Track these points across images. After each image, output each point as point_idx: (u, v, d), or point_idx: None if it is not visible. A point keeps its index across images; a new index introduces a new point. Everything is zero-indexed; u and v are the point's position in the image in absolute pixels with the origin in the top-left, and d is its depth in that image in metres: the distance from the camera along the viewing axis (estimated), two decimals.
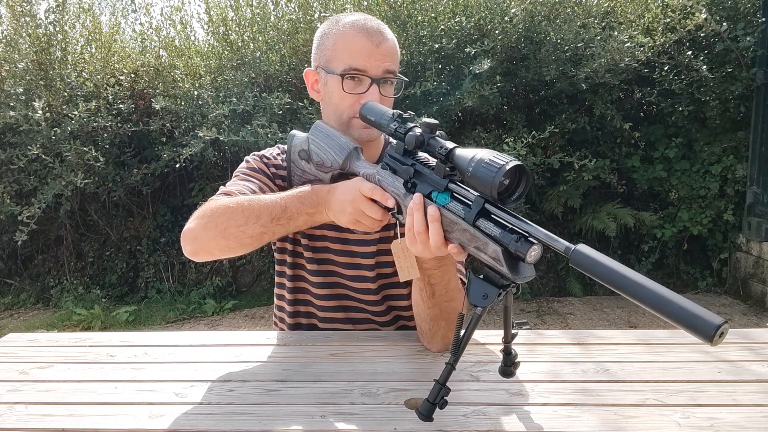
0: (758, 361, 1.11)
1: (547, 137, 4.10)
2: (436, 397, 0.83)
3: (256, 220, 1.07)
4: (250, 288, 4.98)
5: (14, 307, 4.84)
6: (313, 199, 1.07)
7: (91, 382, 1.09)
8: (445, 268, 1.07)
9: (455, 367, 0.85)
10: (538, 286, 4.76)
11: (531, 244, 0.79)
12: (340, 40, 1.18)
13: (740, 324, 3.90)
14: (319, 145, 1.16)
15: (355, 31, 1.16)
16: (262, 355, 1.19)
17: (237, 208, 1.09)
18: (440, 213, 0.90)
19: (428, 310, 1.12)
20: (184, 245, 1.14)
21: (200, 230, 1.11)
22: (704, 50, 4.24)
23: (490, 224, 0.84)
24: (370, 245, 1.29)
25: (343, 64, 1.16)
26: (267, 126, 3.81)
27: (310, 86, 1.27)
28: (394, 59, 1.20)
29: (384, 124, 1.03)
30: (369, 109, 1.07)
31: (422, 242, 0.92)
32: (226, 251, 1.12)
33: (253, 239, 1.09)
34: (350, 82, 1.16)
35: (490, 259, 0.83)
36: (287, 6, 4.47)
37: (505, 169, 0.79)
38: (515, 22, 3.97)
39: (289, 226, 1.09)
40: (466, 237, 0.87)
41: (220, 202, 1.12)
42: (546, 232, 0.78)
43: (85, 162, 4.21)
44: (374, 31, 1.17)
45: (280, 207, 1.07)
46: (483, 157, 0.82)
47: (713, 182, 4.53)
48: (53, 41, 4.46)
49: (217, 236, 1.09)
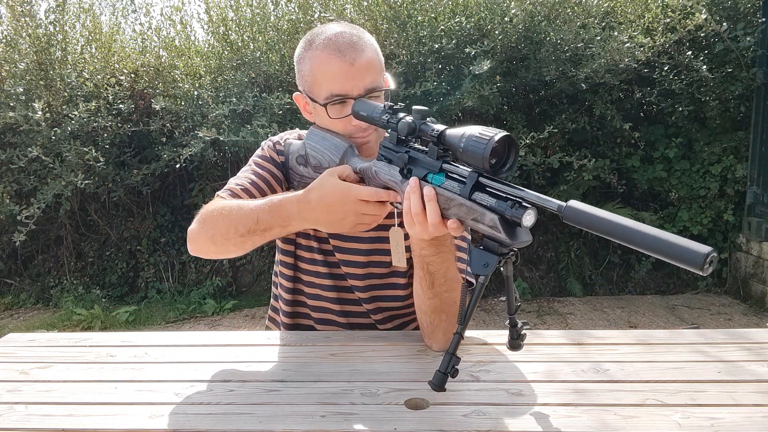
0: (758, 361, 1.11)
1: (547, 137, 4.10)
2: (447, 367, 0.87)
3: (235, 231, 1.10)
4: (250, 288, 4.98)
5: (14, 307, 4.84)
6: (282, 213, 1.07)
7: (91, 382, 1.09)
8: (444, 255, 1.08)
9: (464, 337, 0.88)
10: (538, 287, 4.76)
11: (525, 209, 0.83)
12: (315, 66, 1.16)
13: (740, 324, 3.89)
14: (315, 147, 1.18)
15: (327, 54, 1.13)
16: (262, 355, 1.19)
17: (220, 217, 1.12)
18: (435, 192, 0.93)
19: (428, 301, 1.13)
20: (187, 243, 1.19)
21: (196, 233, 1.16)
22: (704, 50, 4.24)
23: (485, 196, 0.88)
24: (365, 242, 1.30)
25: (323, 91, 1.15)
26: (267, 126, 3.81)
27: (302, 108, 1.27)
28: (373, 71, 1.16)
29: (376, 117, 1.05)
30: (361, 106, 1.10)
31: (420, 223, 0.95)
32: (217, 255, 1.17)
33: (237, 246, 1.13)
34: (335, 107, 1.15)
35: (488, 229, 0.87)
36: (287, 6, 4.47)
37: (494, 140, 0.84)
38: (515, 23, 3.97)
39: (266, 237, 1.11)
40: (463, 211, 0.91)
41: (215, 206, 1.15)
42: (538, 195, 0.83)
43: (85, 162, 4.21)
44: (346, 48, 1.13)
45: (253, 219, 1.09)
46: (472, 133, 0.87)
47: (713, 182, 4.53)
48: (53, 41, 4.45)
49: (208, 241, 1.15)
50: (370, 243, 1.29)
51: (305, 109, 1.26)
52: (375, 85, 1.15)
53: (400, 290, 1.33)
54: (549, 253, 4.85)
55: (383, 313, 1.35)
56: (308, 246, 1.31)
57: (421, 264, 1.09)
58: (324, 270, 1.32)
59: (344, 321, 1.35)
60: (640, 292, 4.69)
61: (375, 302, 1.33)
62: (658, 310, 4.20)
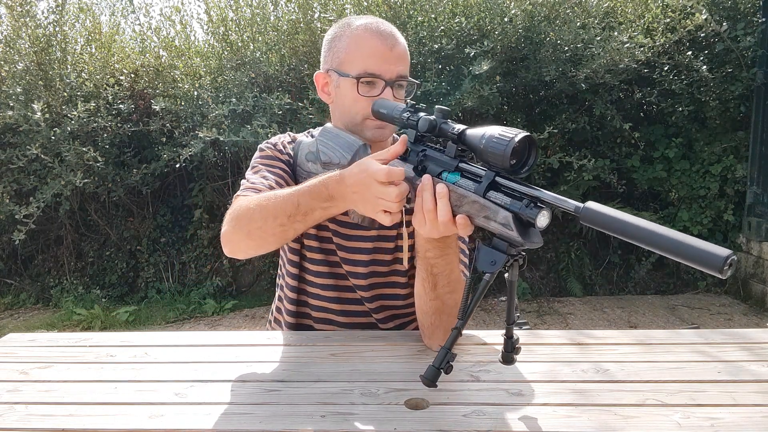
0: (758, 361, 1.11)
1: (547, 137, 4.10)
2: (442, 362, 0.85)
3: (273, 220, 1.06)
4: (250, 288, 4.98)
5: (14, 307, 4.84)
6: (324, 193, 1.03)
7: (91, 382, 1.09)
8: (448, 257, 1.08)
9: (462, 333, 0.87)
10: (538, 287, 4.76)
11: (540, 209, 0.82)
12: (353, 43, 1.18)
13: (740, 324, 3.89)
14: (327, 144, 1.18)
15: (369, 34, 1.17)
16: (262, 355, 1.19)
17: (256, 209, 1.09)
18: (448, 189, 0.93)
19: (430, 302, 1.13)
20: (223, 246, 1.16)
21: (231, 233, 1.12)
22: (704, 50, 4.24)
23: (500, 194, 0.88)
24: (367, 241, 1.30)
25: (357, 67, 1.17)
26: (267, 126, 3.81)
27: (320, 88, 1.27)
28: (406, 63, 1.21)
29: (396, 116, 1.06)
30: (381, 104, 1.10)
31: (431, 221, 0.94)
32: (256, 250, 1.14)
33: (276, 237, 1.09)
34: (364, 85, 1.17)
35: (500, 226, 0.86)
36: (287, 6, 4.47)
37: (515, 140, 0.84)
38: (515, 23, 3.97)
39: (307, 221, 1.08)
40: (475, 208, 0.90)
41: (243, 202, 1.13)
42: (554, 195, 0.82)
43: (84, 162, 4.21)
44: (388, 35, 1.18)
45: (293, 204, 1.05)
46: (493, 133, 0.87)
47: (713, 182, 4.53)
48: (53, 41, 4.46)
49: (244, 238, 1.11)
50: (373, 242, 1.30)
51: (323, 90, 1.26)
52: (406, 74, 1.20)
53: (400, 289, 1.34)
54: (549, 253, 4.85)
55: (385, 312, 1.35)
56: (310, 246, 1.32)
57: (426, 266, 1.09)
58: (325, 269, 1.32)
59: (344, 320, 1.35)
60: (640, 292, 4.69)
61: (378, 301, 1.33)
62: (658, 310, 4.21)
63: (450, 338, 0.87)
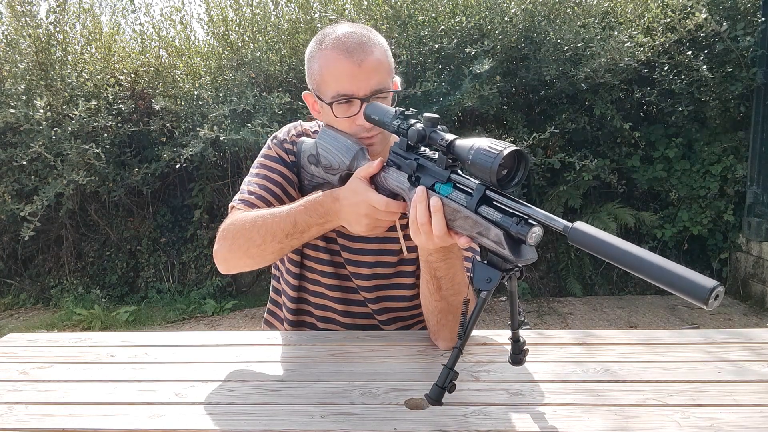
0: (758, 361, 1.11)
1: (548, 137, 4.10)
2: (445, 381, 0.86)
3: (272, 239, 1.11)
4: (250, 288, 4.98)
5: (14, 307, 4.84)
6: (320, 210, 1.09)
7: (91, 382, 1.09)
8: (450, 261, 1.08)
9: (462, 351, 0.87)
10: (538, 287, 4.76)
11: (531, 226, 0.82)
12: (324, 65, 1.16)
13: (740, 324, 3.89)
14: (326, 147, 1.18)
15: (337, 54, 1.14)
16: (262, 355, 1.19)
17: (253, 228, 1.13)
18: (442, 203, 0.93)
19: (435, 303, 1.14)
20: (217, 264, 1.20)
21: (226, 252, 1.17)
22: (704, 50, 4.24)
23: (492, 210, 0.87)
24: (372, 243, 1.30)
25: (330, 90, 1.16)
26: (267, 125, 3.81)
27: (310, 107, 1.28)
28: (381, 72, 1.16)
29: (387, 122, 1.05)
30: (373, 110, 1.09)
31: (425, 233, 0.95)
32: (255, 265, 1.18)
33: (275, 253, 1.15)
34: (341, 106, 1.16)
35: (493, 244, 0.86)
36: (287, 6, 4.47)
37: (503, 154, 0.83)
38: (515, 23, 3.97)
39: (304, 238, 1.13)
40: (468, 224, 0.90)
41: (238, 220, 1.16)
42: (545, 213, 0.81)
43: (86, 161, 4.21)
44: (355, 49, 1.13)
45: (290, 223, 1.10)
46: (481, 146, 0.86)
47: (713, 182, 4.53)
48: (53, 41, 4.46)
49: (242, 256, 1.15)
50: (378, 243, 1.30)
51: (313, 108, 1.26)
52: (381, 87, 1.16)
53: (406, 290, 1.33)
54: (549, 253, 4.85)
55: (388, 314, 1.35)
56: (315, 245, 1.31)
57: (428, 269, 1.10)
58: (329, 269, 1.32)
59: (347, 321, 1.35)
60: (640, 292, 4.69)
61: (381, 302, 1.33)
62: (658, 310, 4.21)
63: (451, 358, 0.87)
